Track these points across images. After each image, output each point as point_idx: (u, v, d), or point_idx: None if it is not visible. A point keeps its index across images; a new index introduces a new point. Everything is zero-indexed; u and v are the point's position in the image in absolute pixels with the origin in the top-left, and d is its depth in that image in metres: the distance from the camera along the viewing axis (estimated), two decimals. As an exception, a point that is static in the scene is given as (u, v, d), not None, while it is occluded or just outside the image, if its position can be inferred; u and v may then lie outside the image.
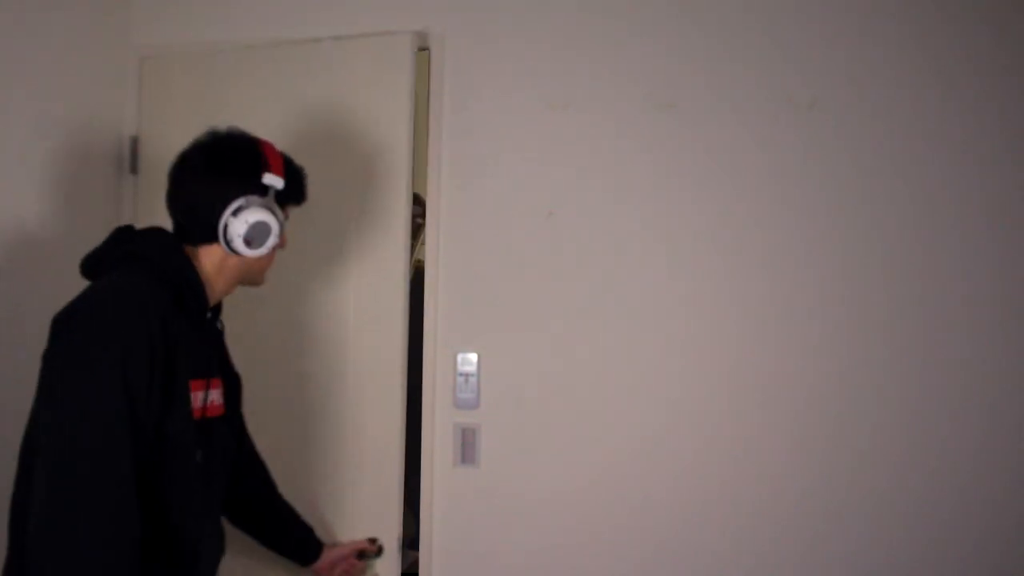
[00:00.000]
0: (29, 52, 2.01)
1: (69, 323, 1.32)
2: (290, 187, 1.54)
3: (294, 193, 1.57)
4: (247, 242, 1.47)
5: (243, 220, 1.46)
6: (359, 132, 2.10)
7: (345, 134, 2.11)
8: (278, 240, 1.52)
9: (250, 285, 1.60)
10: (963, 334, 1.86)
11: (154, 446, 1.33)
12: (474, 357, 2.09)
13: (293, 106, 2.13)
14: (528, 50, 2.11)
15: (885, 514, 1.88)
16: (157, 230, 1.51)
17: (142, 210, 2.24)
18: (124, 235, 1.50)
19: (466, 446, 2.09)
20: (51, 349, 1.33)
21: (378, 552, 1.99)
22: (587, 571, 2.02)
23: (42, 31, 2.04)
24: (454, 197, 2.13)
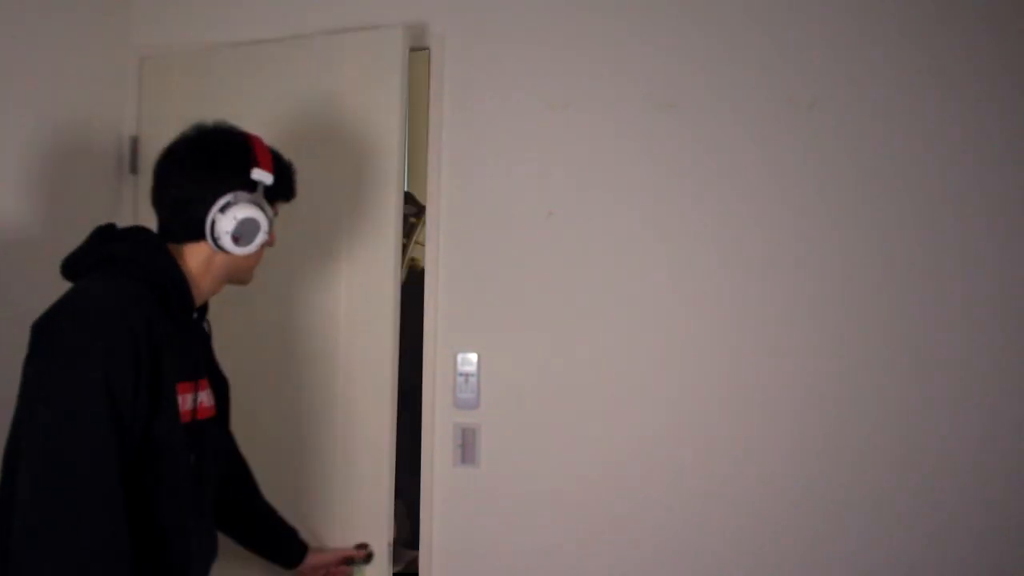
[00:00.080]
0: (29, 52, 2.01)
1: (50, 328, 1.29)
2: (279, 183, 1.50)
3: (283, 189, 1.53)
4: (235, 239, 1.43)
5: (231, 217, 1.41)
6: (351, 127, 2.08)
7: (338, 130, 2.09)
8: (267, 237, 1.47)
9: (237, 284, 1.56)
10: (963, 334, 1.86)
11: (142, 450, 1.30)
12: (474, 357, 2.09)
13: (290, 103, 2.11)
14: (528, 50, 2.11)
15: (885, 514, 1.88)
16: (140, 229, 1.47)
17: (142, 210, 2.22)
18: (106, 235, 1.45)
19: (466, 446, 2.09)
20: (32, 354, 1.29)
21: (367, 558, 1.96)
22: (587, 571, 2.02)
23: (42, 31, 2.04)
24: (454, 197, 2.13)
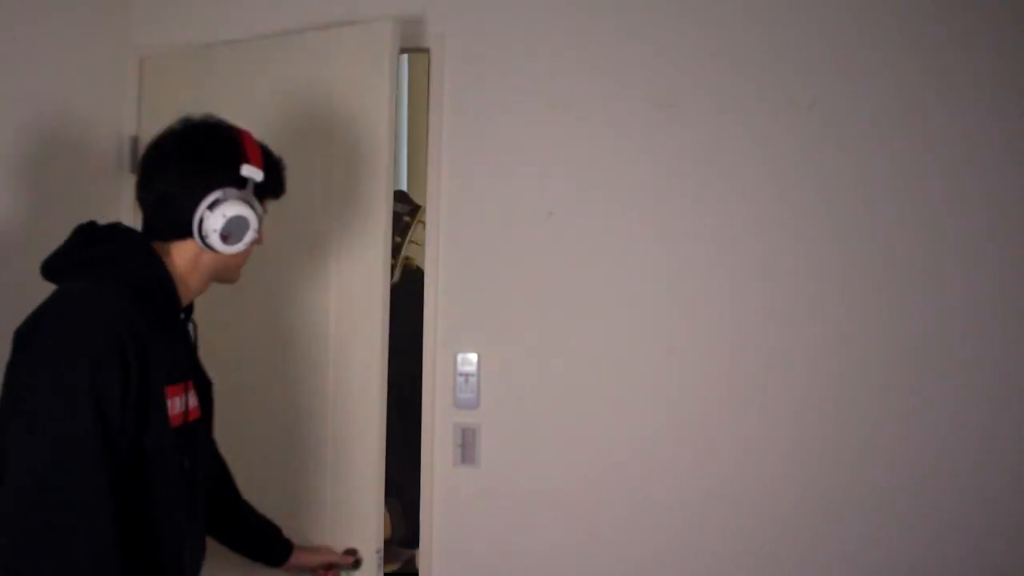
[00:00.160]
0: (29, 52, 2.01)
1: (35, 335, 1.24)
2: (269, 179, 1.45)
3: (273, 185, 1.48)
4: (223, 238, 1.38)
5: (220, 214, 1.36)
6: (342, 123, 2.04)
7: (329, 126, 2.05)
8: (256, 235, 1.42)
9: (224, 282, 1.51)
10: (963, 334, 1.86)
11: (135, 456, 1.26)
12: (474, 357, 2.09)
13: (285, 100, 2.08)
14: (528, 50, 2.11)
15: (885, 514, 1.88)
16: (124, 229, 1.42)
17: (142, 210, 2.23)
18: (88, 234, 1.40)
19: (466, 446, 2.09)
20: (16, 362, 1.24)
21: (355, 564, 1.89)
22: (587, 571, 2.02)
23: (42, 31, 2.04)
24: (454, 197, 2.13)
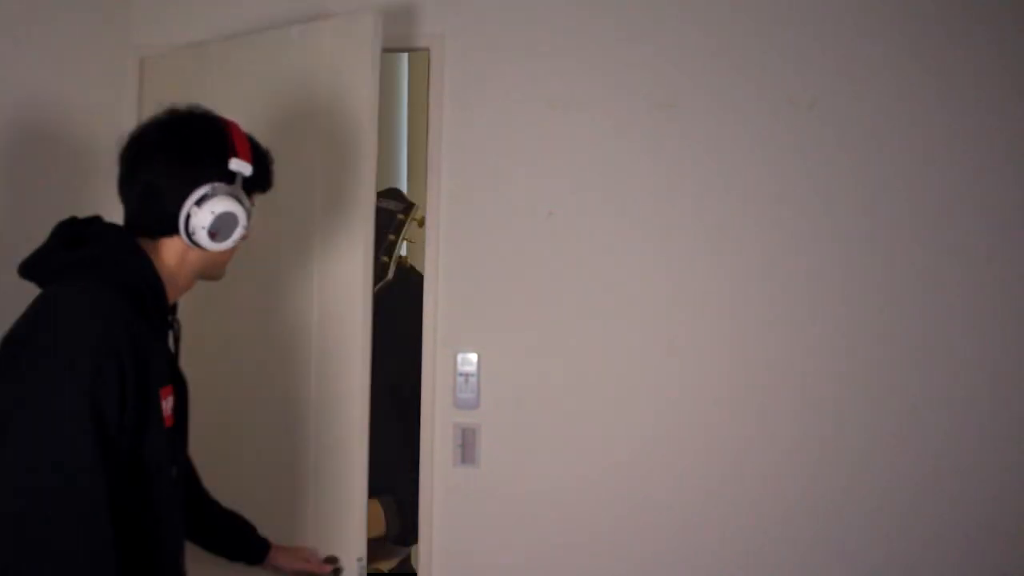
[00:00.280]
0: (29, 52, 2.01)
1: (28, 344, 1.19)
2: (257, 173, 1.38)
3: (261, 180, 1.41)
4: (212, 235, 1.31)
5: (208, 211, 1.30)
6: (327, 116, 2.00)
7: (314, 119, 2.01)
8: (245, 232, 1.36)
9: (209, 279, 1.44)
10: (962, 334, 1.86)
11: (134, 460, 1.23)
12: (474, 357, 2.09)
13: (276, 94, 2.05)
14: (528, 50, 2.11)
15: (884, 514, 1.88)
16: (110, 227, 1.34)
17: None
18: (69, 232, 1.33)
19: (466, 446, 2.09)
20: (6, 373, 1.18)
21: (334, 573, 1.82)
22: (587, 571, 2.02)
23: (42, 31, 2.04)
24: (454, 197, 2.13)
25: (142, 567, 1.28)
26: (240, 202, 1.34)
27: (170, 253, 1.35)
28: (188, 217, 1.31)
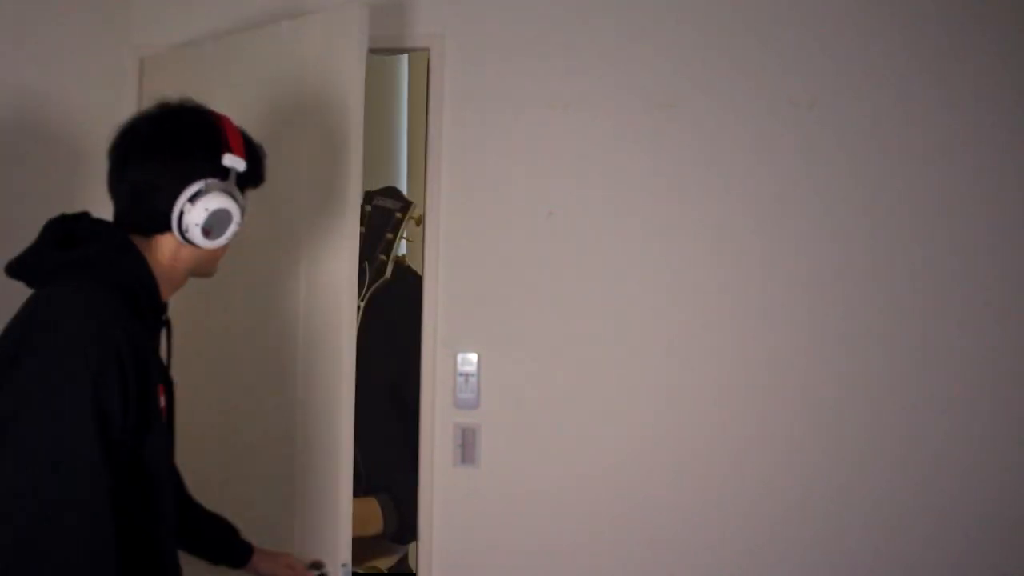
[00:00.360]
0: (29, 52, 2.01)
1: (25, 347, 1.16)
2: (250, 168, 1.36)
3: (254, 175, 1.39)
4: (205, 232, 1.29)
5: (202, 207, 1.28)
6: (314, 111, 1.98)
7: (302, 115, 1.98)
8: (239, 228, 1.33)
9: (201, 276, 1.42)
10: (962, 334, 1.86)
11: (136, 459, 1.22)
12: (474, 357, 2.09)
13: (266, 90, 2.03)
14: (528, 50, 2.11)
15: (885, 513, 1.88)
16: (102, 225, 1.32)
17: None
18: (62, 229, 1.30)
19: (466, 446, 2.09)
20: (12, 370, 1.16)
21: None
22: (586, 571, 2.02)
23: (42, 31, 2.04)
24: (454, 197, 2.13)
25: (142, 567, 1.28)
26: (234, 198, 1.32)
27: (163, 250, 1.32)
28: (181, 214, 1.28)
